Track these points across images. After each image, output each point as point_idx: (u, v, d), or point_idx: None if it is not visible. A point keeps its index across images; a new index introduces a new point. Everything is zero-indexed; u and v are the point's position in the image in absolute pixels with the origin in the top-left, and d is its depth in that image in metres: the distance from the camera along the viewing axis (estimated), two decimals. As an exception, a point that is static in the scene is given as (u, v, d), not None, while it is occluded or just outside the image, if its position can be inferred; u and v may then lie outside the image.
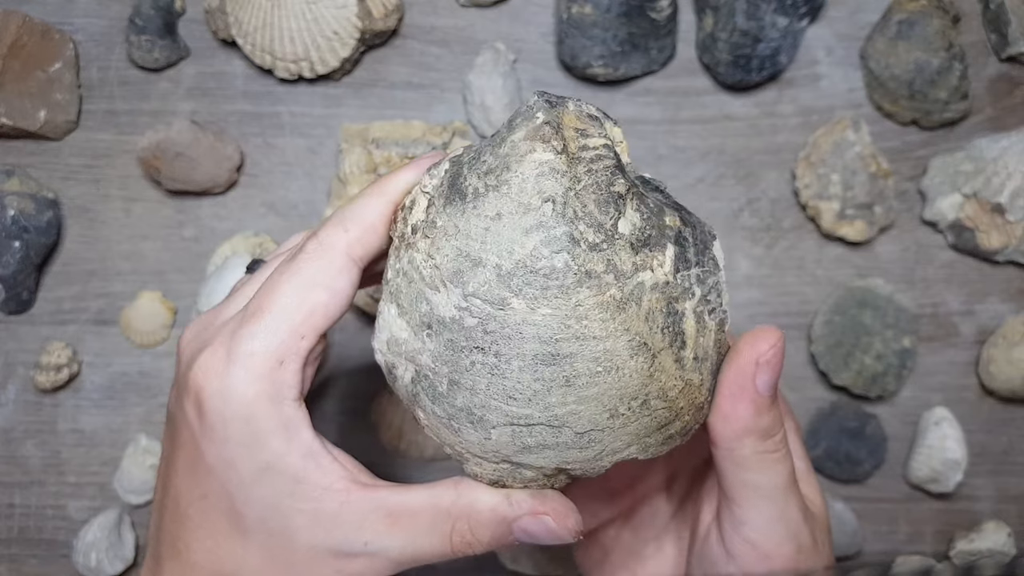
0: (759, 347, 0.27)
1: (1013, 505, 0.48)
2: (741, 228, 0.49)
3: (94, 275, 0.48)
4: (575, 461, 0.26)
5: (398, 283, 0.27)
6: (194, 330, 0.30)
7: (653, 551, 0.34)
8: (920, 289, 0.49)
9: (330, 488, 0.27)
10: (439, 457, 0.48)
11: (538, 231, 0.24)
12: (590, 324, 0.24)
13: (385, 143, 0.46)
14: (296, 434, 0.27)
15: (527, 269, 0.24)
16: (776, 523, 0.28)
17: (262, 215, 0.48)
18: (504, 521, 0.27)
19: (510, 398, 0.25)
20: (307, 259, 0.27)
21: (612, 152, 0.26)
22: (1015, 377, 0.47)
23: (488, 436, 0.26)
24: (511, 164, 0.25)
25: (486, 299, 0.25)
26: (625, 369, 0.25)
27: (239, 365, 0.26)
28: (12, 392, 0.47)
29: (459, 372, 0.26)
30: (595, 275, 0.24)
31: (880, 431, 0.48)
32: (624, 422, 0.26)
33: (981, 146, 0.47)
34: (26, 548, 0.47)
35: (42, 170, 0.48)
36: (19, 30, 0.45)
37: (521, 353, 0.25)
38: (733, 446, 0.28)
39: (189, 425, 0.27)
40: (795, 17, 0.47)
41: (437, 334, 0.26)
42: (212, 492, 0.27)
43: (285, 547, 0.27)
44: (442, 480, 0.28)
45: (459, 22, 0.49)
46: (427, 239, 0.26)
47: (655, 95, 0.49)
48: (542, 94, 0.26)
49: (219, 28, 0.47)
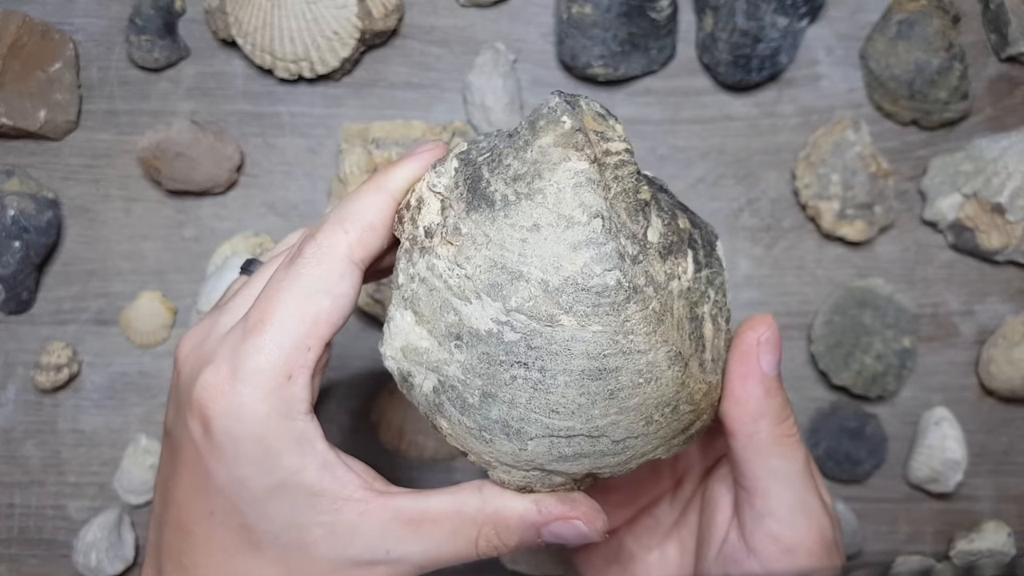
0: (758, 330, 0.28)
1: (1013, 505, 0.48)
2: (741, 228, 0.49)
3: (94, 275, 0.48)
4: (607, 466, 0.27)
5: (414, 289, 0.26)
6: (192, 341, 0.28)
7: (656, 557, 0.34)
8: (920, 289, 0.49)
9: (349, 499, 0.26)
10: (439, 457, 0.48)
11: (587, 247, 0.24)
12: (635, 338, 0.25)
13: (385, 143, 0.46)
14: (310, 448, 0.26)
15: (578, 286, 0.24)
16: (798, 512, 0.29)
17: (262, 215, 0.48)
18: (533, 527, 0.27)
19: (553, 412, 0.25)
20: (306, 264, 0.26)
21: (632, 156, 0.26)
22: (1015, 377, 0.47)
23: (524, 447, 0.26)
24: (543, 172, 0.25)
25: (531, 315, 0.24)
26: (663, 379, 0.25)
27: (246, 383, 0.25)
28: (12, 392, 0.47)
29: (496, 385, 0.25)
30: (639, 289, 0.25)
31: (880, 431, 0.48)
32: (657, 428, 0.26)
33: (981, 146, 0.47)
34: (26, 548, 0.47)
35: (42, 170, 0.48)
36: (19, 30, 0.45)
37: (568, 369, 0.25)
38: (750, 431, 0.28)
39: (193, 443, 0.26)
40: (795, 17, 0.47)
41: (469, 346, 0.25)
42: (220, 510, 0.26)
43: (303, 560, 0.26)
44: (463, 484, 0.28)
45: (459, 22, 0.49)
46: (451, 245, 0.25)
47: (655, 95, 0.49)
48: (561, 94, 0.26)
49: (219, 28, 0.47)
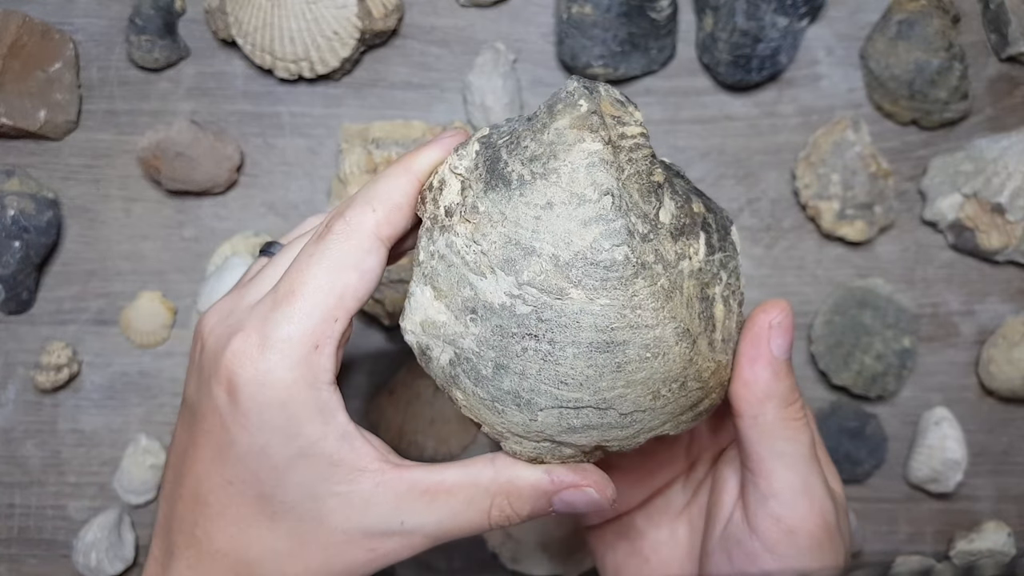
0: (771, 313, 0.29)
1: (1013, 505, 0.48)
2: (741, 228, 0.49)
3: (94, 275, 0.48)
4: (615, 439, 0.27)
5: (433, 265, 0.27)
6: (217, 315, 0.29)
7: (667, 537, 0.35)
8: (920, 289, 0.49)
9: (365, 469, 0.27)
10: (439, 457, 0.48)
11: (597, 223, 0.25)
12: (643, 313, 0.25)
13: (385, 143, 0.46)
14: (332, 418, 0.27)
15: (587, 261, 0.25)
16: (801, 495, 0.29)
17: (262, 215, 0.48)
18: (545, 495, 0.28)
19: (562, 383, 0.26)
20: (336, 240, 0.27)
21: (648, 141, 0.27)
22: (1015, 377, 0.47)
23: (534, 418, 0.27)
24: (558, 152, 0.26)
25: (542, 288, 0.25)
26: (670, 354, 0.26)
27: (275, 351, 0.26)
28: (12, 392, 0.47)
29: (508, 357, 0.26)
30: (648, 266, 0.25)
31: (880, 431, 0.48)
32: (664, 403, 0.27)
33: (981, 146, 0.47)
34: (26, 548, 0.47)
35: (42, 170, 0.48)
36: (19, 30, 0.45)
37: (576, 341, 0.25)
38: (756, 412, 0.29)
39: (217, 411, 0.27)
40: (795, 17, 0.47)
41: (483, 319, 0.26)
42: (239, 479, 0.27)
43: (316, 531, 0.27)
44: (476, 457, 0.28)
45: (459, 22, 0.49)
46: (469, 223, 0.26)
47: (655, 95, 0.49)
48: (580, 79, 0.27)
49: (219, 28, 0.47)
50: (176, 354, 0.48)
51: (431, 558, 0.48)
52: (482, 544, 0.48)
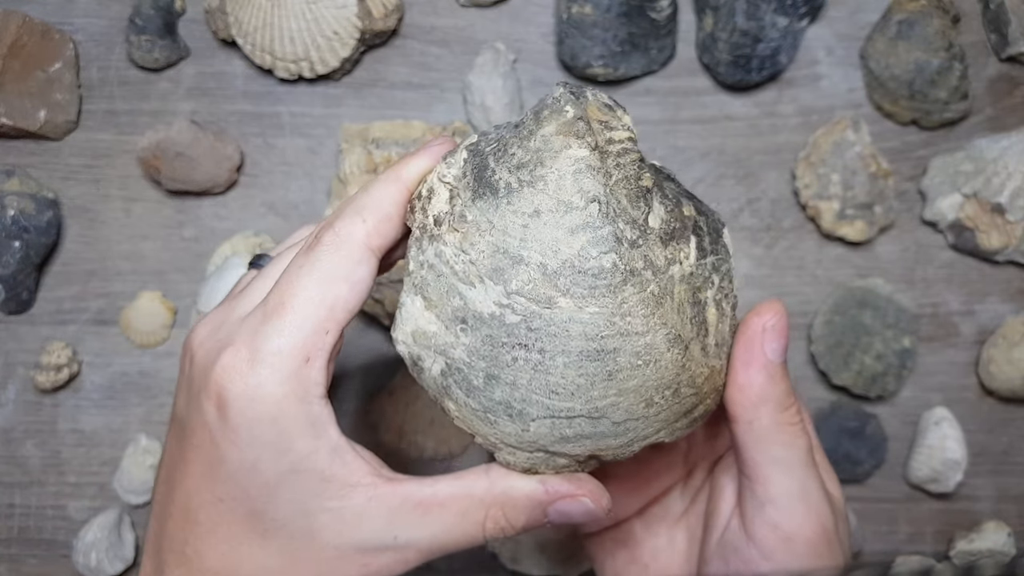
0: (764, 316, 0.28)
1: (1013, 505, 0.48)
2: (741, 228, 0.49)
3: (94, 275, 0.48)
4: (609, 448, 0.27)
5: (423, 275, 0.27)
6: (206, 328, 0.28)
7: (665, 544, 0.34)
8: (920, 289, 0.49)
9: (358, 484, 0.27)
10: (439, 457, 0.48)
11: (584, 231, 0.25)
12: (633, 320, 0.25)
13: (385, 143, 0.46)
14: (323, 432, 0.26)
15: (575, 269, 0.25)
16: (798, 501, 0.29)
17: (262, 215, 0.48)
18: (540, 506, 0.28)
19: (553, 393, 0.26)
20: (326, 251, 0.27)
21: (636, 145, 0.27)
22: (1015, 377, 0.47)
23: (526, 428, 0.26)
24: (545, 159, 0.25)
25: (531, 297, 0.25)
26: (662, 361, 0.26)
27: (265, 365, 0.26)
28: (12, 392, 0.47)
29: (498, 367, 0.26)
30: (637, 272, 0.25)
31: (880, 431, 0.48)
32: (658, 410, 0.27)
33: (981, 146, 0.47)
34: (26, 548, 0.47)
35: (42, 170, 0.48)
36: (19, 30, 0.45)
37: (566, 350, 0.25)
38: (751, 417, 0.28)
39: (207, 427, 0.26)
40: (795, 17, 0.47)
41: (473, 329, 0.26)
42: (229, 496, 0.27)
43: (308, 547, 0.27)
44: (469, 469, 0.28)
45: (459, 22, 0.49)
46: (457, 233, 0.26)
47: (655, 95, 0.49)
48: (566, 85, 0.26)
49: (219, 28, 0.47)
50: (176, 354, 0.48)
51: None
52: (482, 545, 0.48)
